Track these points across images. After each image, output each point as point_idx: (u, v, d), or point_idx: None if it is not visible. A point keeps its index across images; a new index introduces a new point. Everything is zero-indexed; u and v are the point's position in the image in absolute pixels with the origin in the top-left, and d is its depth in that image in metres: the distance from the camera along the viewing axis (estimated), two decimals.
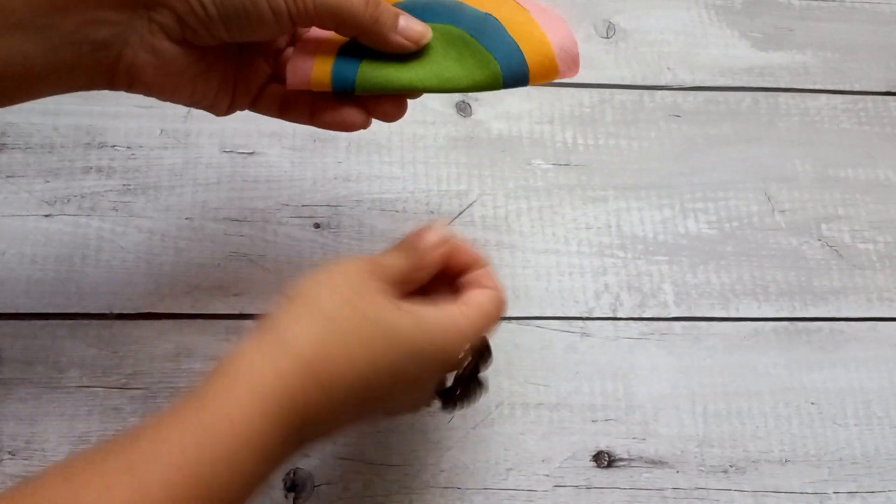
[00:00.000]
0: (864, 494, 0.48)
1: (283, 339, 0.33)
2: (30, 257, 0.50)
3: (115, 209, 0.51)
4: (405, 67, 0.37)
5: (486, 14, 0.38)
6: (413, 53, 0.37)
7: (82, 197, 0.52)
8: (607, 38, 0.61)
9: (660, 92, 0.60)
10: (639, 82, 0.60)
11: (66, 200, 0.51)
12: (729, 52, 0.62)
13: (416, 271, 0.38)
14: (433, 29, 0.38)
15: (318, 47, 0.38)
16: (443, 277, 0.40)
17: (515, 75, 0.37)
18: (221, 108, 0.39)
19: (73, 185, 0.52)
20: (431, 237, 0.39)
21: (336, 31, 0.37)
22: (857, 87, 0.61)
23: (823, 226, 0.56)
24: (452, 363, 0.38)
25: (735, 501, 0.47)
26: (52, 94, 0.35)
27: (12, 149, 0.53)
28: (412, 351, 0.35)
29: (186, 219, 0.52)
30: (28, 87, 0.34)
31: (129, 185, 0.52)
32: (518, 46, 0.37)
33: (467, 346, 0.38)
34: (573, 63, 0.38)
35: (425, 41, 0.37)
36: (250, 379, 0.31)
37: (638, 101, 0.59)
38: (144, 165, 0.53)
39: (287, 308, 0.34)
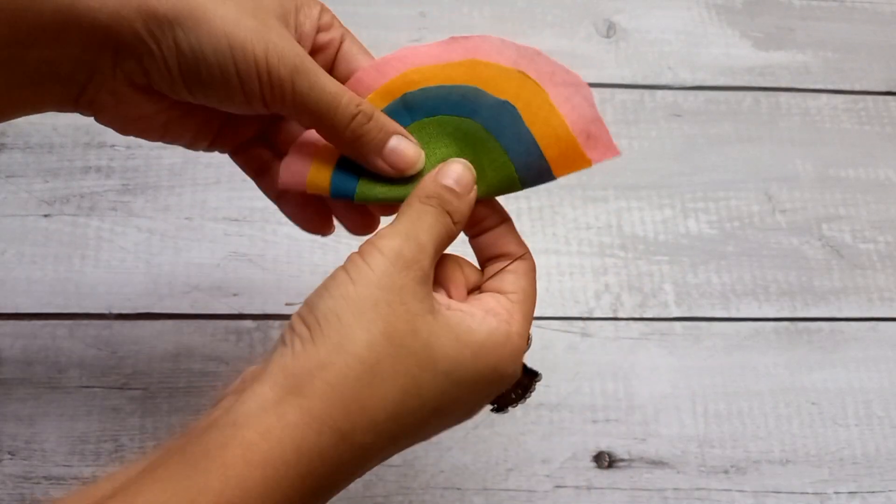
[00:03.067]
0: (865, 494, 0.48)
1: (296, 386, 0.28)
2: (29, 257, 0.49)
3: (114, 209, 0.51)
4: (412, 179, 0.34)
5: (504, 102, 0.34)
6: (425, 155, 0.34)
7: (81, 197, 0.51)
8: (608, 37, 0.61)
9: (660, 91, 0.60)
10: (639, 82, 0.60)
11: (65, 200, 0.51)
12: (730, 52, 0.62)
13: (453, 228, 0.32)
14: (446, 122, 0.34)
15: (316, 151, 0.35)
16: None
17: (534, 172, 0.34)
18: (198, 148, 0.37)
19: (72, 185, 0.52)
20: (462, 177, 0.32)
21: (316, 131, 0.34)
22: (857, 87, 0.61)
23: (824, 225, 0.56)
24: (508, 382, 0.32)
25: (736, 502, 0.47)
26: (21, 115, 0.34)
27: (11, 149, 0.52)
28: (460, 381, 0.30)
29: (186, 218, 0.51)
30: None
31: (128, 184, 0.52)
32: (534, 141, 0.33)
33: (524, 356, 0.32)
34: (605, 147, 0.33)
35: (412, 171, 0.33)
36: (250, 437, 0.27)
37: (638, 100, 0.59)
38: (143, 165, 0.53)
39: (303, 343, 0.29)
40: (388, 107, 0.35)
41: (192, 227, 0.51)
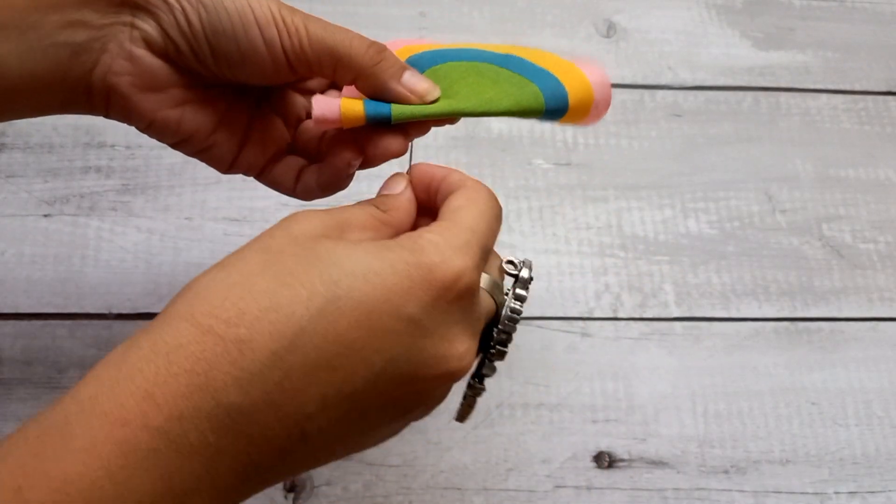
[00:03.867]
0: (865, 494, 0.48)
1: (166, 307, 0.28)
2: (29, 257, 0.49)
3: (114, 209, 0.51)
4: (441, 98, 0.35)
5: (507, 54, 0.36)
6: (445, 87, 0.35)
7: (81, 197, 0.51)
8: (608, 37, 0.61)
9: (660, 91, 0.60)
10: (639, 82, 0.60)
11: (65, 200, 0.51)
12: (730, 52, 0.62)
13: (385, 213, 0.33)
14: (457, 67, 0.36)
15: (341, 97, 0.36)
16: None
17: (556, 98, 0.35)
18: (222, 156, 0.37)
19: (72, 185, 0.52)
20: (395, 183, 0.34)
21: (335, 77, 0.35)
22: (857, 87, 0.61)
23: (824, 226, 0.56)
24: (447, 282, 0.29)
25: (736, 502, 0.47)
26: (29, 112, 0.34)
27: (12, 149, 0.52)
28: (355, 271, 0.28)
29: (186, 218, 0.51)
30: (4, 100, 0.32)
31: (128, 184, 0.52)
32: (551, 73, 0.35)
33: (467, 263, 0.29)
34: (607, 100, 0.35)
35: (430, 97, 0.35)
36: (112, 353, 0.27)
37: (639, 100, 0.59)
38: (143, 165, 0.53)
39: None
40: None
41: (192, 227, 0.51)
